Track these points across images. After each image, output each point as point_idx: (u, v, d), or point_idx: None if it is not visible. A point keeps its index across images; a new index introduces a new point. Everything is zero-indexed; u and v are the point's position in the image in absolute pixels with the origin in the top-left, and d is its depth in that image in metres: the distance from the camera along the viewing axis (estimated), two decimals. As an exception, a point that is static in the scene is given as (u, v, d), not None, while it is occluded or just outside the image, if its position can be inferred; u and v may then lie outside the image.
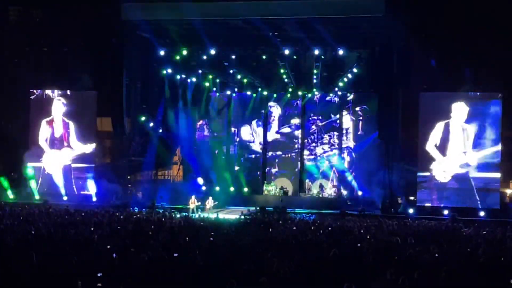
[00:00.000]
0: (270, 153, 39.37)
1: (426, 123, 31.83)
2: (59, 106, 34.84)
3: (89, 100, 34.76)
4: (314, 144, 38.48)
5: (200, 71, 36.47)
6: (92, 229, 17.74)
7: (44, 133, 34.96)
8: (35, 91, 35.10)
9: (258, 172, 39.23)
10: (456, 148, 31.12)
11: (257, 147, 39.73)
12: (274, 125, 39.60)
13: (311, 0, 29.48)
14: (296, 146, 39.03)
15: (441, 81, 31.43)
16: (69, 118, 34.75)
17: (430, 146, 31.38)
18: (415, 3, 28.87)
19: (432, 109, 31.85)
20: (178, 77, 36.86)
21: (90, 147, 34.43)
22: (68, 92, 34.98)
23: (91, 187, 33.98)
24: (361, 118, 37.13)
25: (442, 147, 31.34)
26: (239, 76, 36.81)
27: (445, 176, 31.10)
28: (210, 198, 31.78)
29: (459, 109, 31.21)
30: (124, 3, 30.62)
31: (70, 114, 34.76)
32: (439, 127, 31.36)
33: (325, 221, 23.37)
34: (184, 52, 33.49)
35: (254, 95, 38.72)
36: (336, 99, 37.90)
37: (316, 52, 32.85)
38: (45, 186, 34.45)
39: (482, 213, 30.15)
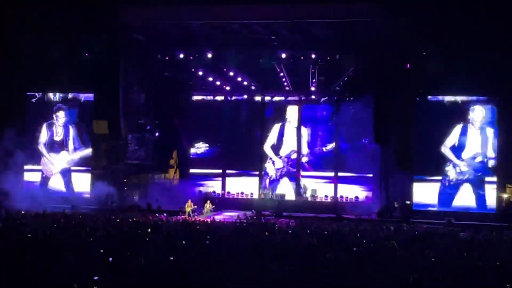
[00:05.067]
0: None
1: (422, 126, 31.93)
2: (61, 113, 34.92)
3: (87, 104, 34.80)
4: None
5: (197, 74, 36.42)
6: (88, 232, 17.73)
7: (44, 136, 35.03)
8: (36, 94, 35.20)
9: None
10: (472, 151, 31.40)
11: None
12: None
13: (308, 4, 29.50)
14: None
15: (438, 85, 31.50)
16: (69, 121, 34.86)
17: (447, 146, 31.52)
18: (412, 7, 28.88)
19: (428, 113, 31.97)
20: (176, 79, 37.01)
21: (87, 151, 34.49)
22: (69, 95, 35.07)
23: (88, 190, 34.00)
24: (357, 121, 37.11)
25: (459, 149, 31.53)
26: (236, 80, 36.79)
27: (459, 178, 31.26)
28: (208, 201, 31.82)
29: (477, 113, 31.49)
30: (121, 6, 30.61)
31: (70, 118, 34.86)
32: (458, 128, 31.54)
33: (322, 225, 23.39)
34: (181, 56, 33.55)
35: (246, 97, 38.72)
36: (333, 103, 37.94)
37: (313, 55, 32.89)
38: (43, 189, 34.44)
39: (478, 217, 30.21)
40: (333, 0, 29.86)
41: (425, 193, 31.70)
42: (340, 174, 37.08)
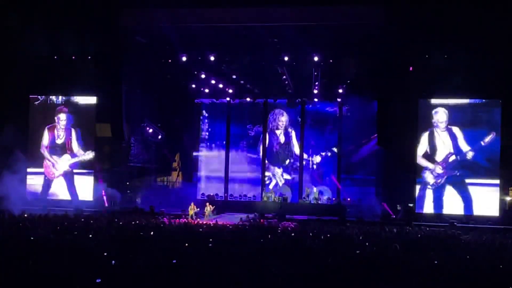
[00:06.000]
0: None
1: (424, 129, 31.99)
2: (63, 115, 34.96)
3: (89, 107, 34.84)
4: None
5: (200, 77, 36.40)
6: (90, 235, 17.72)
7: (46, 139, 35.06)
8: (39, 96, 35.27)
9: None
10: (444, 153, 31.58)
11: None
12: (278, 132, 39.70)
13: (310, 7, 29.51)
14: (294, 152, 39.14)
15: (441, 88, 31.50)
16: (72, 124, 34.89)
17: (419, 155, 31.73)
18: (415, 10, 28.89)
19: (430, 116, 32.00)
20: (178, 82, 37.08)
21: (90, 154, 34.52)
22: (71, 98, 35.11)
23: (90, 193, 34.04)
24: (360, 124, 37.09)
25: (432, 154, 31.79)
26: (238, 82, 36.79)
27: (438, 181, 31.34)
28: (208, 204, 31.82)
29: (440, 115, 31.75)
30: (123, 9, 30.64)
31: (72, 121, 34.89)
32: (425, 135, 31.88)
33: (324, 228, 23.36)
34: (184, 58, 33.56)
35: (249, 99, 38.71)
36: (335, 106, 37.98)
37: (316, 58, 32.87)
38: (46, 192, 34.53)
39: (481, 220, 30.19)
40: (336, 2, 29.86)
41: (427, 196, 31.74)
42: (343, 176, 37.18)
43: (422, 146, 31.94)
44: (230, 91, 38.03)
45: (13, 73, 34.19)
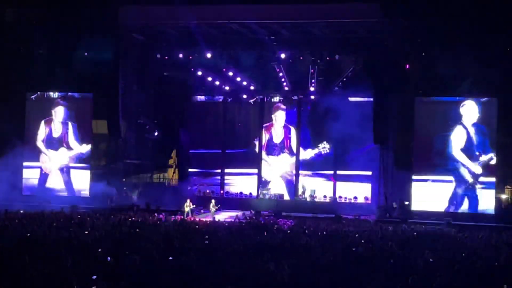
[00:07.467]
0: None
1: (421, 128, 31.92)
2: (60, 108, 34.89)
3: (86, 102, 34.80)
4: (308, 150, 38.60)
5: (196, 74, 36.34)
6: (87, 232, 17.73)
7: (42, 133, 34.98)
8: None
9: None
10: (475, 149, 31.17)
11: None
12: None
13: (307, 4, 29.52)
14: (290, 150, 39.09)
15: (437, 86, 31.52)
16: (68, 118, 34.81)
17: (456, 150, 31.32)
18: (411, 8, 28.92)
19: (427, 114, 31.97)
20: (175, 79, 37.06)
21: (86, 148, 34.45)
22: (68, 94, 35.04)
23: (86, 189, 34.01)
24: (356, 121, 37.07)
25: (470, 150, 31.22)
26: (235, 79, 36.73)
27: (475, 181, 31.07)
28: (213, 201, 31.75)
29: (469, 109, 31.27)
30: (121, 7, 30.61)
31: (69, 115, 34.83)
32: (459, 129, 31.26)
33: (320, 225, 23.41)
34: (180, 56, 33.56)
35: (245, 97, 38.63)
36: (332, 103, 37.91)
37: (312, 56, 32.87)
38: (42, 187, 34.49)
39: (477, 218, 30.21)
40: (333, 0, 29.86)
41: (424, 194, 31.66)
42: (339, 173, 37.14)
43: (459, 140, 31.14)
44: (227, 88, 37.99)
45: (11, 69, 34.17)
